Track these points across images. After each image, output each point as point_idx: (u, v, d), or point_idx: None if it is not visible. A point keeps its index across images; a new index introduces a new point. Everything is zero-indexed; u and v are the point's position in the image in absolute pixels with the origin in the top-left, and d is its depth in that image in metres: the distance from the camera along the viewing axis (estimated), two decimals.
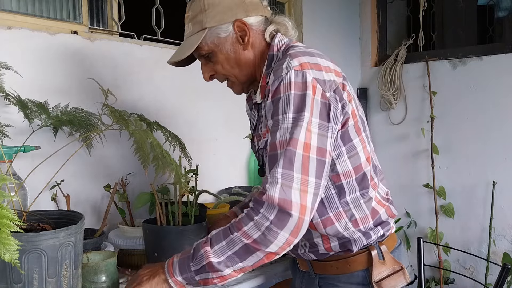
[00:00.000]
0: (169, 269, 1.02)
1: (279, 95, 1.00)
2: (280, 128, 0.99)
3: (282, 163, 0.96)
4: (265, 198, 0.94)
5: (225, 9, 1.10)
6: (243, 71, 1.16)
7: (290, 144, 0.96)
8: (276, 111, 1.00)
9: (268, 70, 1.11)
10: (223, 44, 1.12)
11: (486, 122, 2.69)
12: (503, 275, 1.64)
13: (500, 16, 2.76)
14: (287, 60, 1.03)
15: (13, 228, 0.85)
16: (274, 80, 1.02)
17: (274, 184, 0.95)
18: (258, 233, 0.95)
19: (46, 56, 1.57)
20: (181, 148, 1.56)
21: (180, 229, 1.31)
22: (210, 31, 1.11)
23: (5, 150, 1.28)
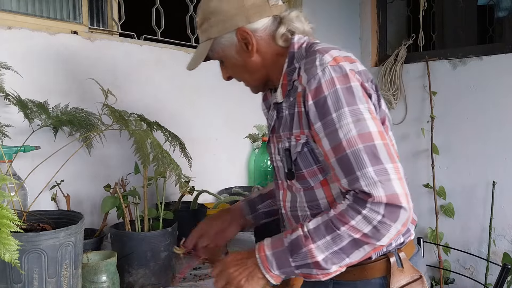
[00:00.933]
0: (264, 264, 0.99)
1: (323, 94, 0.96)
2: (340, 126, 0.94)
3: (367, 161, 0.92)
4: (371, 200, 0.91)
5: (226, 17, 1.07)
6: (253, 76, 1.15)
7: (363, 139, 0.93)
8: (327, 111, 0.95)
9: (290, 68, 1.07)
10: (229, 53, 1.11)
11: (486, 122, 2.69)
12: (503, 275, 1.64)
13: (500, 16, 2.76)
14: (317, 56, 0.99)
15: (13, 228, 0.85)
16: (310, 79, 0.98)
17: (373, 185, 0.91)
18: (369, 227, 0.92)
19: (46, 56, 1.57)
20: (181, 148, 1.56)
21: (142, 235, 1.28)
22: (216, 41, 1.10)
23: (5, 150, 1.28)
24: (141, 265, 1.27)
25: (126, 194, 1.35)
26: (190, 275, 1.41)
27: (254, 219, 1.34)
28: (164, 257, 1.30)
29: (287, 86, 1.07)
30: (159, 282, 1.30)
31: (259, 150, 2.25)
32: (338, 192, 1.03)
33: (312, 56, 1.01)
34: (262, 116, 2.55)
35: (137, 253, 1.26)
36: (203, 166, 2.08)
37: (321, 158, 1.03)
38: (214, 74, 2.16)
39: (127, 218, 1.34)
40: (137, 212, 1.34)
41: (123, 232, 1.32)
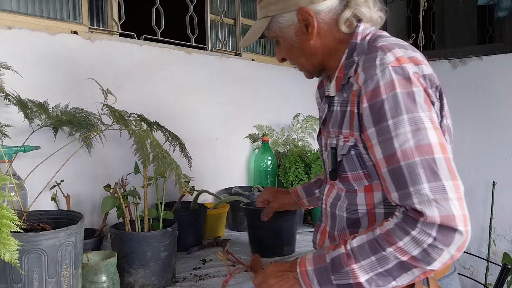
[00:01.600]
0: (305, 279, 0.94)
1: (380, 97, 0.87)
2: (397, 135, 0.86)
3: (423, 176, 0.83)
4: (423, 220, 0.82)
5: None
6: (309, 61, 1.07)
7: (421, 152, 0.84)
8: (383, 116, 0.87)
9: (349, 61, 0.99)
10: (287, 33, 1.04)
11: (486, 122, 2.69)
12: (503, 275, 1.64)
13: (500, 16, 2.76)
14: (378, 54, 0.90)
15: (13, 228, 0.85)
16: (367, 79, 0.89)
17: (427, 203, 0.82)
18: (419, 249, 0.83)
19: (46, 56, 1.57)
20: (181, 148, 1.56)
21: (142, 235, 1.28)
22: (274, 19, 1.04)
23: (5, 150, 1.28)
24: (141, 265, 1.27)
25: (126, 194, 1.35)
26: (190, 275, 1.41)
27: (308, 202, 1.45)
28: (164, 257, 1.30)
29: (342, 79, 1.00)
30: (159, 282, 1.30)
31: (259, 150, 2.25)
32: (380, 201, 0.98)
33: (373, 53, 0.91)
34: (262, 116, 2.57)
35: (137, 253, 1.26)
36: (203, 166, 2.08)
37: (369, 164, 0.96)
38: (214, 74, 2.17)
39: (127, 218, 1.34)
40: (137, 212, 1.34)
41: (123, 232, 1.32)
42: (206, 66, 2.13)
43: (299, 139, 2.37)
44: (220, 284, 1.34)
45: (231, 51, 2.36)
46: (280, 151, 2.31)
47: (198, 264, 1.52)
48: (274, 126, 2.40)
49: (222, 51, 2.29)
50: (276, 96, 2.49)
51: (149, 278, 1.28)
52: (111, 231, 1.32)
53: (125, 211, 1.33)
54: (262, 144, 2.23)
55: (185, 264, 1.52)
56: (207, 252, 1.65)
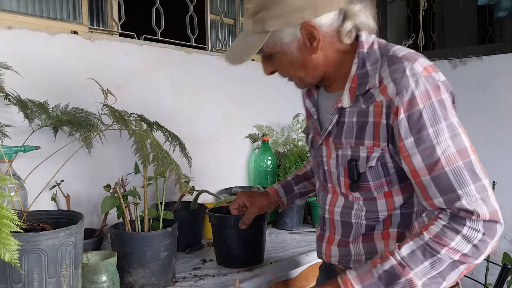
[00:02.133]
0: None
1: (418, 107, 0.90)
2: (438, 142, 0.90)
3: (469, 178, 0.89)
4: (474, 218, 0.89)
5: (292, 9, 0.95)
6: (310, 74, 1.05)
7: (462, 156, 0.90)
8: (422, 125, 0.90)
9: (362, 71, 0.99)
10: (287, 49, 1.00)
11: (486, 122, 2.69)
12: (503, 275, 1.64)
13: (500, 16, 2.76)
14: (406, 64, 0.93)
15: (13, 228, 0.85)
16: (401, 91, 0.91)
17: (475, 202, 0.89)
18: (469, 246, 0.89)
19: (46, 56, 1.57)
20: (181, 148, 1.56)
21: (142, 235, 1.28)
22: (273, 34, 0.98)
23: (5, 150, 1.28)
24: (141, 265, 1.27)
25: (126, 194, 1.35)
26: (190, 275, 1.41)
27: (287, 201, 1.41)
28: (164, 257, 1.30)
29: (356, 90, 1.00)
30: (159, 282, 1.30)
31: (259, 150, 2.25)
32: (400, 205, 1.01)
33: (399, 64, 0.93)
34: (262, 116, 2.56)
35: (137, 253, 1.26)
36: (203, 166, 2.07)
37: (392, 171, 0.99)
38: (214, 74, 2.17)
39: (127, 218, 1.34)
40: (137, 212, 1.34)
41: (123, 232, 1.32)
42: (206, 66, 2.13)
43: (299, 139, 2.36)
44: (220, 284, 1.34)
45: None
46: (280, 151, 2.31)
47: (198, 264, 1.52)
48: (274, 126, 2.40)
49: (222, 51, 2.29)
50: (276, 96, 2.49)
51: (149, 278, 1.28)
52: (111, 231, 1.32)
53: (125, 211, 1.33)
54: (262, 144, 2.23)
55: (185, 264, 1.52)
56: (207, 252, 1.65)
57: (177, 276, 1.39)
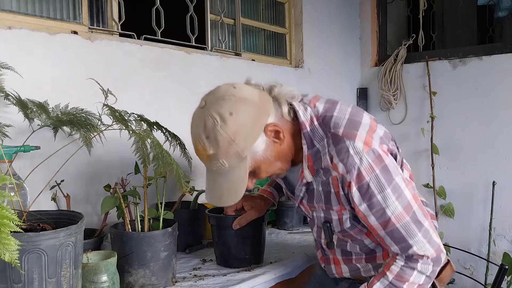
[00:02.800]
0: None
1: (364, 180, 1.05)
2: (387, 206, 1.06)
3: (416, 229, 1.07)
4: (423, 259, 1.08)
5: (250, 126, 1.05)
6: (285, 161, 1.16)
7: (407, 211, 1.07)
8: (371, 194, 1.06)
9: (312, 150, 1.12)
10: (264, 156, 1.10)
11: (486, 122, 2.69)
12: (500, 275, 1.64)
13: (500, 16, 2.76)
14: (348, 144, 1.05)
15: (13, 228, 0.85)
16: (350, 170, 1.05)
17: (423, 246, 1.07)
18: (423, 277, 1.09)
19: (46, 56, 1.57)
20: (181, 148, 1.56)
21: (142, 235, 1.28)
22: (250, 154, 1.07)
23: (5, 150, 1.28)
24: (141, 265, 1.27)
25: (126, 194, 1.35)
26: (190, 275, 1.41)
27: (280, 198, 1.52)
28: (164, 257, 1.30)
29: (313, 167, 1.13)
30: (159, 282, 1.30)
31: None
32: None
33: (342, 143, 1.06)
34: None
35: (137, 253, 1.26)
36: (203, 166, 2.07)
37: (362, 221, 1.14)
38: (214, 74, 2.17)
39: (127, 218, 1.33)
40: (137, 212, 1.34)
41: (123, 232, 1.32)
42: (206, 66, 2.13)
43: None
44: (220, 284, 1.34)
45: (231, 51, 2.36)
46: None
47: (198, 264, 1.52)
48: None
49: (222, 51, 2.29)
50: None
51: (149, 278, 1.28)
52: (111, 231, 1.32)
53: (125, 211, 1.33)
54: None
55: (185, 264, 1.52)
56: (207, 252, 1.65)
57: (177, 276, 1.39)
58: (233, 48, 2.39)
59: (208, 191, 1.16)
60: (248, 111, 1.05)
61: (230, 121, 1.03)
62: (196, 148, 1.10)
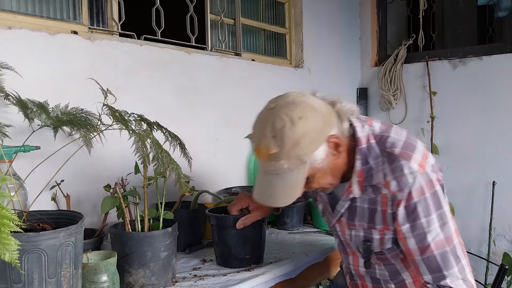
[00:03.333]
0: None
1: (413, 200, 1.08)
2: (430, 231, 1.08)
3: (453, 261, 1.08)
4: None
5: (316, 133, 1.07)
6: (336, 176, 1.17)
7: (448, 242, 1.08)
8: (416, 216, 1.08)
9: (366, 166, 1.14)
10: (321, 165, 1.11)
11: (486, 122, 2.69)
12: (500, 275, 1.64)
13: (500, 16, 2.76)
14: (404, 164, 1.09)
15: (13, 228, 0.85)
16: (402, 188, 1.08)
17: (457, 281, 1.08)
18: None
19: (46, 56, 1.57)
20: (181, 148, 1.56)
21: (142, 235, 1.28)
22: (310, 160, 1.08)
23: (5, 150, 1.28)
24: (141, 265, 1.27)
25: (126, 194, 1.35)
26: (190, 275, 1.41)
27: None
28: (164, 257, 1.30)
29: (363, 183, 1.15)
30: (159, 282, 1.30)
31: None
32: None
33: (397, 162, 1.10)
34: None
35: (137, 253, 1.26)
36: (203, 166, 2.08)
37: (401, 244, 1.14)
38: (214, 74, 2.17)
39: (127, 218, 1.33)
40: (137, 212, 1.34)
41: (123, 232, 1.32)
42: (206, 66, 2.13)
43: None
44: (220, 284, 1.34)
45: (231, 51, 2.36)
46: None
47: (198, 264, 1.52)
48: None
49: (222, 51, 2.29)
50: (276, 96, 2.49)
51: (149, 278, 1.28)
52: (111, 231, 1.32)
53: (125, 211, 1.33)
54: None
55: (185, 264, 1.52)
56: (207, 252, 1.65)
57: (177, 276, 1.39)
58: (233, 48, 2.40)
59: (260, 191, 1.16)
60: (316, 119, 1.07)
61: (298, 124, 1.05)
62: (258, 146, 1.11)
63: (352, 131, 1.16)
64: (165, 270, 1.31)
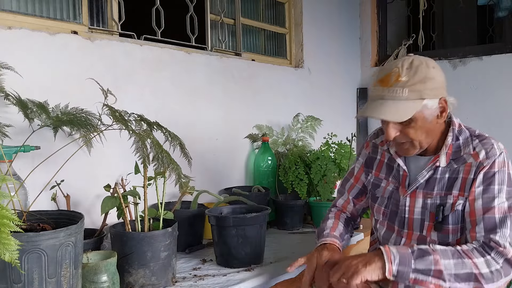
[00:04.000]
0: (388, 255, 1.14)
1: (494, 169, 1.23)
2: (498, 197, 1.21)
3: (509, 224, 1.18)
4: (499, 249, 1.15)
5: (438, 85, 1.24)
6: (428, 139, 1.28)
7: (506, 212, 1.20)
8: (492, 181, 1.22)
9: (456, 142, 1.30)
10: (427, 115, 1.23)
11: (486, 122, 2.69)
12: None
13: (500, 16, 2.76)
14: (493, 142, 1.27)
15: (13, 228, 0.85)
16: (490, 157, 1.24)
17: (505, 239, 1.16)
18: (487, 269, 1.13)
19: (46, 56, 1.57)
20: (181, 148, 1.56)
21: (142, 235, 1.28)
22: (424, 101, 1.21)
23: (5, 150, 1.28)
24: (141, 265, 1.27)
25: (126, 194, 1.35)
26: (190, 275, 1.41)
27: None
28: (164, 257, 1.30)
29: (451, 155, 1.30)
30: (159, 282, 1.30)
31: (259, 150, 2.25)
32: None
33: (488, 140, 1.28)
34: (262, 116, 2.56)
35: (137, 253, 1.26)
36: (203, 166, 2.08)
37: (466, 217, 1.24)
38: (214, 74, 2.17)
39: (127, 218, 1.33)
40: (137, 212, 1.34)
41: (123, 232, 1.32)
42: (206, 66, 2.13)
43: (299, 139, 2.37)
44: (220, 284, 1.34)
45: (231, 51, 2.36)
46: (280, 151, 2.31)
47: (198, 264, 1.52)
48: (274, 126, 2.40)
49: (222, 51, 2.29)
50: (276, 96, 2.49)
51: (149, 278, 1.28)
52: (111, 231, 1.32)
53: (125, 211, 1.33)
54: (262, 144, 2.23)
55: (185, 264, 1.52)
56: (207, 252, 1.65)
57: (177, 276, 1.39)
58: (233, 48, 2.40)
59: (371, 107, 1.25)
60: (442, 77, 1.27)
61: (432, 70, 1.23)
62: (389, 73, 1.23)
63: (450, 116, 1.32)
64: (165, 270, 1.31)
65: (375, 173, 1.45)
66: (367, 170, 1.48)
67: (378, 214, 1.43)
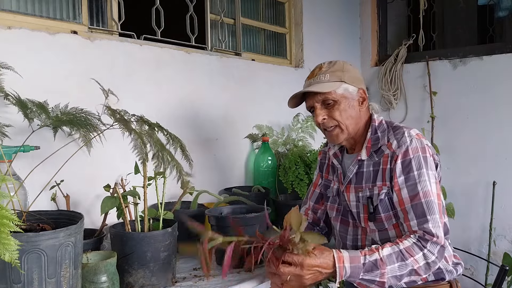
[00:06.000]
0: (341, 272, 1.22)
1: (409, 156, 1.32)
2: (420, 182, 1.30)
3: (435, 209, 1.27)
4: (433, 239, 1.24)
5: (356, 77, 1.42)
6: (353, 125, 1.42)
7: (433, 194, 1.29)
8: (410, 169, 1.31)
9: (375, 135, 1.42)
10: (349, 98, 1.39)
11: (486, 122, 2.69)
12: (501, 276, 1.64)
13: (500, 16, 2.76)
14: (405, 130, 1.37)
15: (13, 228, 0.85)
16: (401, 145, 1.34)
17: (436, 225, 1.26)
18: (424, 262, 1.24)
19: (46, 56, 1.57)
20: (182, 150, 1.55)
21: (142, 235, 1.28)
22: (344, 85, 1.38)
23: (5, 150, 1.28)
24: (141, 265, 1.27)
25: (126, 194, 1.35)
26: (190, 275, 1.41)
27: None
28: (164, 257, 1.30)
29: (371, 148, 1.41)
30: (159, 282, 1.30)
31: (259, 150, 2.25)
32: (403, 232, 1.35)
33: (400, 130, 1.38)
34: (262, 116, 2.56)
35: (137, 253, 1.26)
36: (203, 166, 2.08)
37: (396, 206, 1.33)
38: (214, 74, 2.17)
39: (127, 218, 1.33)
40: (137, 212, 1.34)
41: (123, 232, 1.32)
42: (206, 66, 2.13)
43: (299, 139, 2.36)
44: (219, 284, 1.34)
45: (231, 51, 2.36)
46: (280, 151, 2.31)
47: (198, 264, 1.52)
48: (274, 126, 2.40)
49: (222, 51, 2.29)
50: (276, 96, 2.49)
51: (149, 278, 1.28)
52: (111, 231, 1.32)
53: (125, 211, 1.33)
54: (262, 144, 2.23)
55: (185, 264, 1.52)
56: None
57: (177, 276, 1.39)
58: (233, 48, 2.39)
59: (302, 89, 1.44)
60: (359, 74, 1.46)
61: (349, 65, 1.43)
62: (312, 72, 1.45)
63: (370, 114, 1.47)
64: (165, 270, 1.31)
65: (325, 176, 1.61)
66: (321, 175, 1.63)
67: (331, 212, 1.54)
